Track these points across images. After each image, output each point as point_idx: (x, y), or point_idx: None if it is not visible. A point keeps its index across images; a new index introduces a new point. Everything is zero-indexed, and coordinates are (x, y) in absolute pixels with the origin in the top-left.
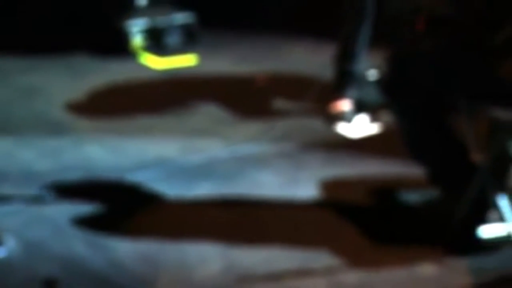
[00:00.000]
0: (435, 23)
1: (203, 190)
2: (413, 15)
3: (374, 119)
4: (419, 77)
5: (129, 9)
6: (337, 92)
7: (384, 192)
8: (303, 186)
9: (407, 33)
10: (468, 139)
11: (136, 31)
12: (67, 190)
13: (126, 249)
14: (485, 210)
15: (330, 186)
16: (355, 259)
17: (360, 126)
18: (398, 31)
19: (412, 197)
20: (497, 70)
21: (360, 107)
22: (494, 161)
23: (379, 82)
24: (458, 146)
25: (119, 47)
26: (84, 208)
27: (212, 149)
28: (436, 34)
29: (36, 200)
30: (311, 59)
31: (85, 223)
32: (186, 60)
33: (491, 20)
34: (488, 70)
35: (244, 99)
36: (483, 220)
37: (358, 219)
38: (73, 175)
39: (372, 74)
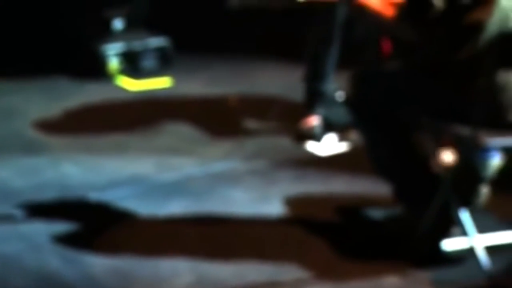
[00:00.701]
0: (398, 45)
1: (176, 207)
2: (378, 38)
3: (342, 138)
4: (382, 96)
5: (105, 33)
6: (307, 111)
7: (350, 208)
8: (273, 202)
9: (372, 55)
10: (431, 155)
11: (113, 55)
12: (42, 208)
13: (100, 264)
14: (448, 225)
15: (299, 203)
16: (323, 272)
17: (328, 145)
18: (364, 53)
19: (377, 213)
20: (458, 88)
21: (328, 126)
22: (456, 177)
23: (346, 102)
24: (421, 163)
25: (96, 70)
26: (59, 225)
27: (185, 167)
28: (399, 56)
29: (11, 217)
30: (280, 81)
31: (60, 239)
32: (161, 83)
33: (451, 42)
34: (450, 89)
35: (216, 119)
36: (446, 234)
37: (325, 234)
38: (48, 193)
39: (341, 95)
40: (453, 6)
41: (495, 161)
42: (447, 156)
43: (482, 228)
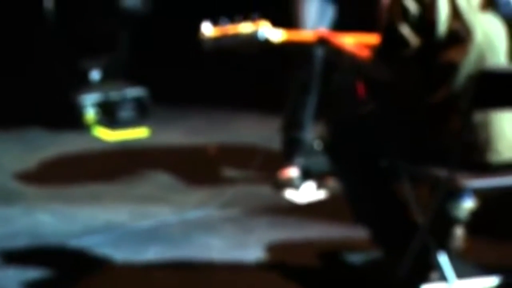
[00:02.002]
0: (374, 87)
1: (152, 254)
2: (353, 81)
3: (320, 186)
4: (359, 140)
5: (82, 84)
6: (285, 160)
7: (329, 253)
8: (250, 249)
9: (348, 99)
10: (409, 199)
11: (89, 105)
12: (14, 255)
13: None
14: (427, 269)
15: (277, 249)
16: None
17: (307, 193)
18: (340, 99)
19: (356, 258)
20: (434, 129)
21: (307, 174)
22: (434, 221)
23: (324, 149)
24: (399, 207)
25: (72, 121)
26: (32, 272)
27: (160, 214)
28: (374, 98)
29: None
30: (258, 131)
31: (33, 287)
32: (138, 133)
33: (427, 81)
34: (426, 130)
35: (194, 168)
36: (424, 279)
37: (304, 280)
38: (21, 241)
39: (319, 143)
40: (429, 45)
41: (468, 203)
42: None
43: (461, 273)
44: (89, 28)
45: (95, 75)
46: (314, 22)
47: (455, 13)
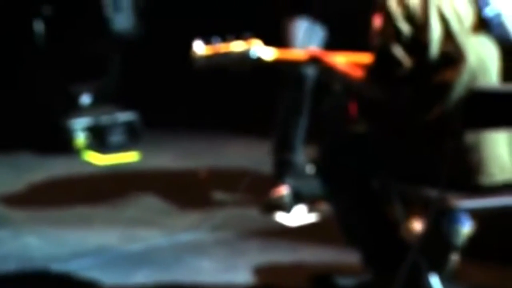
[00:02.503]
0: (366, 107)
1: (142, 277)
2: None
3: (311, 209)
4: (351, 162)
5: (73, 108)
6: (276, 182)
7: (320, 277)
8: (240, 272)
9: (340, 120)
10: (401, 220)
11: (79, 129)
12: (3, 279)
13: None
14: None
15: (267, 272)
16: None
17: (298, 216)
18: (332, 119)
19: (347, 281)
20: (426, 150)
21: (298, 197)
22: (426, 241)
23: (316, 171)
24: (391, 228)
25: (62, 145)
26: None
27: (151, 238)
28: (366, 118)
29: None
30: (249, 154)
31: None
32: (129, 157)
33: (420, 102)
34: (418, 150)
35: (185, 191)
36: None
37: None
38: (9, 265)
39: (311, 167)
40: (421, 66)
41: (466, 228)
42: (417, 224)
43: None
44: (80, 51)
45: (85, 99)
46: (303, 41)
47: (448, 34)
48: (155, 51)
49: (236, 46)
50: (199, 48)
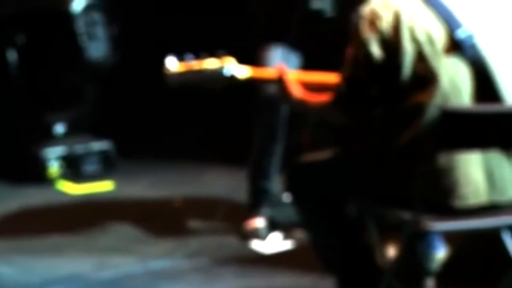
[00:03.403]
0: (335, 132)
1: None
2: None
3: (287, 236)
4: (320, 187)
5: (47, 137)
6: (251, 210)
7: None
8: None
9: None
10: (374, 243)
11: (53, 158)
12: None
13: None
14: None
15: None
16: None
17: (273, 243)
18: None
19: None
20: (399, 173)
21: (273, 225)
22: (400, 266)
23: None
24: (366, 253)
25: (35, 174)
26: None
27: (124, 265)
28: (335, 144)
29: None
30: (225, 182)
31: None
32: (103, 186)
33: (391, 126)
34: (391, 174)
35: (160, 219)
36: None
37: None
38: None
39: (287, 195)
40: (394, 89)
41: (439, 253)
42: (391, 249)
43: None
44: (54, 80)
45: (59, 128)
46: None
47: (420, 57)
48: (129, 80)
49: (210, 63)
50: (172, 64)
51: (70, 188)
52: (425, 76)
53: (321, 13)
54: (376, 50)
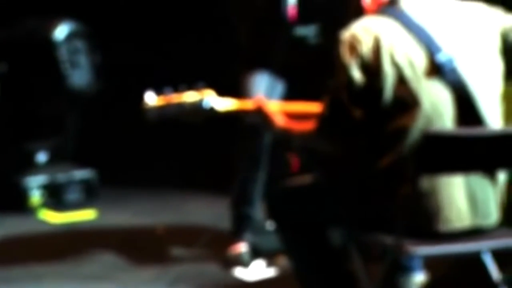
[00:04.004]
0: (316, 157)
1: None
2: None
3: (270, 264)
4: (301, 212)
5: (28, 165)
6: (234, 237)
7: None
8: None
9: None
10: (358, 270)
11: (35, 187)
12: None
13: None
14: None
15: None
16: None
17: (256, 270)
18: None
19: None
20: (381, 197)
21: (256, 252)
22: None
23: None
24: (348, 279)
25: (17, 203)
26: None
27: None
28: (317, 168)
29: None
30: (206, 211)
31: None
32: (85, 215)
33: (374, 150)
34: (373, 198)
35: (142, 247)
36: None
37: None
38: None
39: (270, 223)
40: (375, 113)
41: (419, 277)
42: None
43: None
44: (36, 108)
45: (41, 157)
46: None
47: (401, 80)
48: (112, 108)
49: (189, 96)
50: (151, 99)
51: (52, 217)
52: (407, 99)
53: (305, 40)
54: (357, 74)
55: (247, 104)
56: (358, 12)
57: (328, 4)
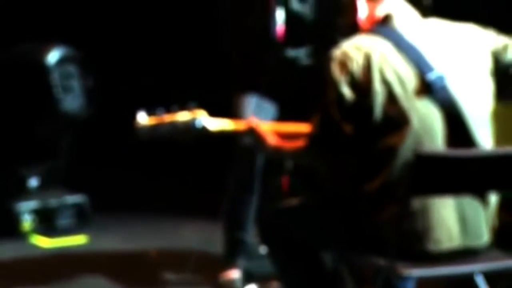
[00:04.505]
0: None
1: None
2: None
3: None
4: (294, 233)
5: (20, 190)
6: (227, 262)
7: None
8: None
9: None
10: None
11: (27, 212)
12: None
13: None
14: None
15: None
16: None
17: None
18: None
19: None
20: (372, 217)
21: (249, 277)
22: None
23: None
24: None
25: (8, 228)
26: None
27: None
28: (309, 189)
29: None
30: (197, 235)
31: None
32: (77, 240)
33: (364, 169)
34: (364, 218)
35: (133, 272)
36: None
37: None
38: None
39: (264, 247)
40: (365, 132)
41: None
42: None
43: None
44: (28, 133)
45: (33, 181)
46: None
47: (391, 98)
48: (103, 133)
49: (181, 116)
50: (143, 118)
51: (44, 242)
52: (397, 118)
53: (296, 61)
54: (347, 91)
55: (239, 124)
56: (351, 30)
57: (319, 25)
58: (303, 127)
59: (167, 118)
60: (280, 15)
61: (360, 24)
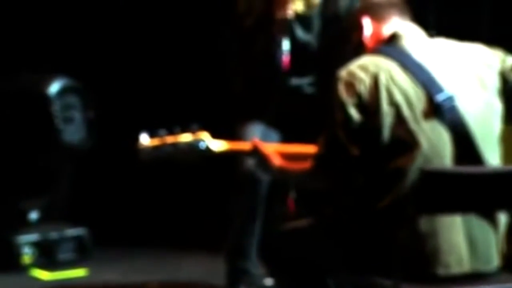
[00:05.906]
0: (311, 199)
1: None
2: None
3: None
4: (298, 256)
5: (20, 223)
6: None
7: None
8: None
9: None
10: None
11: (26, 245)
12: None
13: None
14: None
15: None
16: None
17: None
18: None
19: None
20: (379, 239)
21: None
22: None
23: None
24: None
25: (8, 261)
26: None
27: None
28: (313, 211)
29: None
30: (198, 268)
31: None
32: (77, 273)
33: (371, 190)
34: (370, 240)
35: None
36: None
37: None
38: None
39: (269, 280)
40: (373, 153)
41: None
42: None
43: None
44: (28, 164)
45: (33, 214)
46: None
47: (399, 120)
48: (104, 165)
49: (184, 137)
50: (145, 140)
51: (44, 275)
52: (405, 140)
53: (300, 89)
54: (354, 112)
55: (243, 145)
56: (358, 50)
57: (323, 55)
58: (308, 149)
59: (170, 139)
60: (285, 44)
61: (366, 43)
